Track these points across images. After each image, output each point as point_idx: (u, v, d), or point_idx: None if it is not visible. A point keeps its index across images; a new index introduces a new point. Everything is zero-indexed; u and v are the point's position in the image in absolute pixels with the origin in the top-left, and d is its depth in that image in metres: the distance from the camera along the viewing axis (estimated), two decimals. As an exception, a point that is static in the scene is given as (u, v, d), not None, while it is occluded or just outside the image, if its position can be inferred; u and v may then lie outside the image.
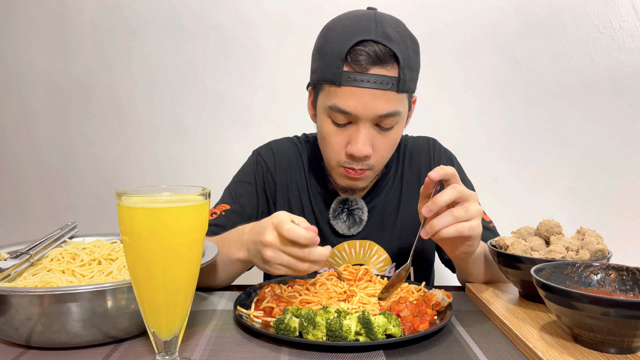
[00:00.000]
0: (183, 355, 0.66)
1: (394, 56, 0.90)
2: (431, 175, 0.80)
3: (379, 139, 0.96)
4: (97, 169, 1.95)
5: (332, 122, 0.96)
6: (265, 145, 1.19)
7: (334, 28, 0.94)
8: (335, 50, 0.91)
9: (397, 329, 0.69)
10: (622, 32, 1.79)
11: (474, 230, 0.80)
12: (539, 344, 0.66)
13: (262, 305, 0.79)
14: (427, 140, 1.17)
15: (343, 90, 0.91)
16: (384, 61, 0.90)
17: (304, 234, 0.73)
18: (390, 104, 0.92)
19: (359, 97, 0.91)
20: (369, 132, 0.94)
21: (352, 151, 0.94)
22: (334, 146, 0.98)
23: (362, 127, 0.93)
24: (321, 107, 0.98)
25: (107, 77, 1.90)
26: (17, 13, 1.90)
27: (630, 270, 0.74)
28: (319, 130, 1.01)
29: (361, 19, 0.91)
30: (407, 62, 0.92)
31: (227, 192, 1.14)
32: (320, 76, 0.95)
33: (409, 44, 0.93)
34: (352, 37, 0.90)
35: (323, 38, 0.95)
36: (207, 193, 0.61)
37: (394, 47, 0.89)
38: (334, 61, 0.91)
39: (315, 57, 0.98)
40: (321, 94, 0.97)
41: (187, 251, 0.59)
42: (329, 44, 0.93)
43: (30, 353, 0.67)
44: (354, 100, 0.91)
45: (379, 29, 0.90)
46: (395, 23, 0.93)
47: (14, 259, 0.75)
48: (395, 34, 0.91)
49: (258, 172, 1.14)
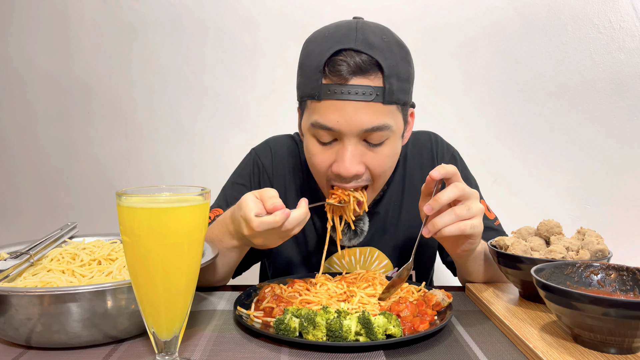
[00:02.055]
0: (183, 355, 0.66)
1: (377, 64, 0.83)
2: (432, 175, 0.80)
3: (370, 155, 0.89)
4: (97, 169, 1.95)
5: (317, 140, 0.90)
6: (263, 144, 1.15)
7: (314, 40, 0.89)
8: (314, 63, 0.85)
9: (397, 329, 0.69)
10: (622, 32, 1.79)
11: (476, 229, 0.80)
12: (539, 344, 0.66)
13: (262, 306, 0.79)
14: (428, 136, 1.13)
15: (324, 105, 0.85)
16: (366, 70, 0.83)
17: (275, 220, 0.75)
18: (376, 116, 0.84)
19: (341, 111, 0.84)
20: (356, 148, 0.87)
21: (338, 170, 0.88)
22: (319, 166, 0.91)
23: (348, 143, 0.86)
24: (305, 126, 0.92)
25: (107, 77, 1.90)
26: (18, 13, 1.90)
27: (631, 271, 0.74)
28: (305, 150, 0.95)
29: (341, 28, 0.86)
30: (394, 70, 0.85)
31: (222, 194, 1.12)
32: (302, 92, 0.90)
33: (397, 51, 0.86)
34: (330, 47, 0.84)
35: (304, 52, 0.90)
36: (206, 193, 0.61)
37: (377, 54, 0.83)
38: (313, 74, 0.85)
39: (298, 73, 0.92)
40: (305, 112, 0.92)
41: (187, 251, 0.59)
42: (309, 57, 0.87)
43: (30, 353, 0.67)
44: (335, 115, 0.84)
45: (360, 37, 0.84)
46: (380, 30, 0.87)
47: (14, 259, 0.75)
48: (379, 41, 0.84)
49: (254, 174, 1.11)
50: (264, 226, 0.76)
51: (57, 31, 1.89)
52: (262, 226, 0.76)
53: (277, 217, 0.76)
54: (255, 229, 0.77)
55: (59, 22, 1.88)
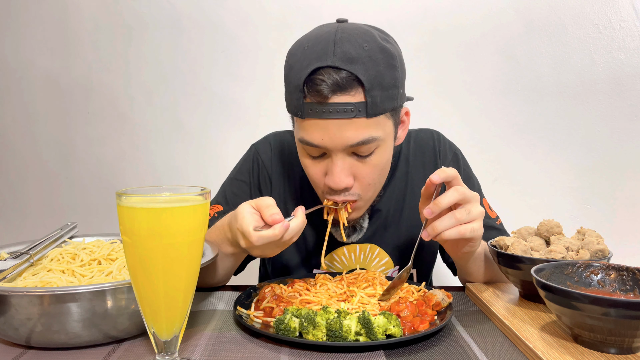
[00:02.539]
0: (183, 355, 0.66)
1: (356, 79, 0.81)
2: (432, 179, 0.80)
3: (360, 167, 0.88)
4: (97, 169, 1.95)
5: (307, 153, 0.91)
6: (263, 140, 1.15)
7: (294, 53, 0.88)
8: (294, 81, 0.85)
9: (397, 329, 0.69)
10: (622, 32, 1.79)
11: (476, 232, 0.80)
12: (539, 344, 0.66)
13: (262, 305, 0.79)
14: (431, 134, 1.12)
15: (308, 123, 0.85)
16: (345, 87, 0.81)
17: (274, 234, 0.75)
18: (361, 131, 0.84)
19: (325, 129, 0.84)
20: (344, 162, 0.87)
21: (329, 183, 0.88)
22: (313, 177, 0.93)
23: (336, 158, 0.86)
24: (296, 138, 0.93)
25: (107, 77, 1.90)
26: (17, 13, 1.90)
27: (631, 270, 0.74)
28: (300, 159, 0.96)
29: (320, 41, 0.84)
30: (376, 81, 0.82)
31: (222, 191, 1.12)
32: (287, 106, 0.91)
33: (380, 58, 0.83)
34: (309, 64, 0.82)
35: (286, 65, 0.89)
36: (206, 193, 0.61)
37: (356, 68, 0.81)
38: (295, 92, 0.85)
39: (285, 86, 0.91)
40: (294, 124, 0.93)
41: (187, 251, 0.59)
42: (290, 72, 0.86)
43: (30, 353, 0.67)
44: (319, 133, 0.84)
45: (338, 51, 0.81)
46: (361, 37, 0.83)
47: (14, 259, 0.75)
48: (359, 52, 0.81)
49: (254, 170, 1.11)
50: (262, 240, 0.76)
51: (56, 31, 1.89)
52: (261, 240, 0.76)
53: (277, 230, 0.75)
54: (255, 243, 0.76)
55: (58, 22, 1.88)
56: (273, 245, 0.79)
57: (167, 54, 1.88)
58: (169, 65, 1.88)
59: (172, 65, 1.88)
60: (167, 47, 1.87)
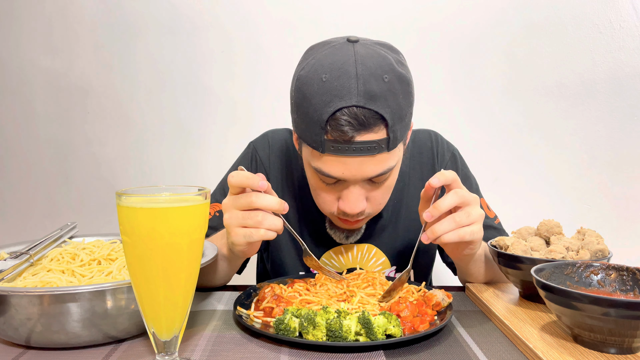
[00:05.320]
0: (183, 356, 0.66)
1: (380, 118, 0.80)
2: (432, 182, 0.79)
3: (373, 191, 0.90)
4: (97, 169, 1.95)
5: (320, 179, 0.90)
6: (261, 137, 1.14)
7: (309, 83, 0.83)
8: (314, 116, 0.82)
9: (397, 329, 0.69)
10: (622, 32, 1.79)
11: (475, 235, 0.80)
12: (539, 344, 0.66)
13: (262, 306, 0.79)
14: (429, 135, 1.12)
15: (327, 158, 0.84)
16: (370, 126, 0.80)
17: (246, 176, 0.78)
18: (381, 164, 0.85)
19: (346, 165, 0.83)
20: (360, 190, 0.87)
21: (344, 209, 0.88)
22: (324, 199, 0.92)
23: (353, 188, 0.87)
24: (306, 162, 0.91)
25: (107, 77, 1.90)
26: (17, 13, 1.90)
27: (631, 271, 0.74)
28: (308, 179, 0.95)
29: (339, 75, 0.80)
30: (397, 116, 0.82)
31: (220, 188, 1.12)
32: (301, 134, 0.87)
33: (398, 89, 0.82)
34: (330, 101, 0.80)
35: (299, 92, 0.85)
36: (206, 193, 0.61)
37: (380, 107, 0.80)
38: (314, 127, 0.82)
39: (293, 108, 0.89)
40: (304, 148, 0.90)
41: (187, 251, 0.59)
42: (306, 104, 0.83)
43: (30, 353, 0.67)
44: (340, 168, 0.84)
45: (361, 89, 0.79)
46: (380, 68, 0.81)
47: (13, 259, 0.75)
48: (380, 87, 0.80)
49: (252, 167, 1.11)
50: (237, 178, 0.78)
51: (57, 31, 1.89)
52: (236, 178, 0.78)
53: (253, 175, 0.78)
54: (230, 180, 0.79)
55: (59, 22, 1.88)
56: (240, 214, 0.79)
57: (167, 54, 1.88)
58: (169, 65, 1.88)
59: (172, 65, 1.88)
60: (167, 47, 1.87)
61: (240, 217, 0.80)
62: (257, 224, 0.79)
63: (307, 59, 0.87)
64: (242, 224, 0.80)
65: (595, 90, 1.82)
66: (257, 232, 0.79)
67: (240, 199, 0.79)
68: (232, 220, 0.81)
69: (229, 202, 0.81)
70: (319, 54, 0.86)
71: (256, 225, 0.79)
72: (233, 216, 0.80)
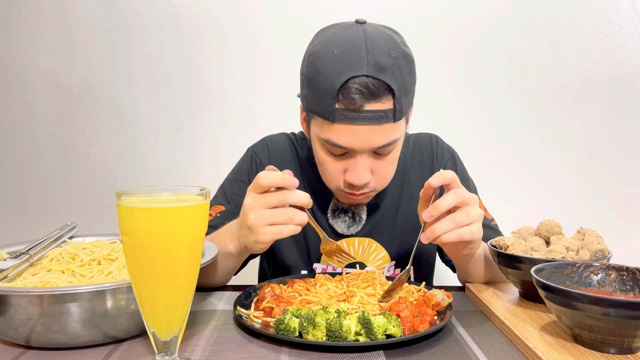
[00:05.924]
0: (183, 355, 0.66)
1: (388, 88, 0.86)
2: (431, 182, 0.80)
3: (378, 164, 0.93)
4: (97, 169, 1.95)
5: (328, 151, 0.94)
6: (260, 141, 1.17)
7: (322, 57, 0.88)
8: (326, 86, 0.86)
9: (397, 329, 0.69)
10: (622, 32, 1.79)
11: (475, 235, 0.80)
12: (539, 344, 0.66)
13: (262, 305, 0.79)
14: (429, 137, 1.16)
15: (337, 127, 0.88)
16: (378, 95, 0.85)
17: (280, 175, 0.79)
18: (387, 134, 0.89)
19: (355, 133, 0.87)
20: (367, 161, 0.91)
21: (350, 180, 0.92)
22: (331, 173, 0.95)
23: (360, 158, 0.91)
24: (315, 136, 0.95)
25: (107, 77, 1.90)
26: (17, 13, 1.90)
27: (631, 270, 0.74)
28: (315, 155, 0.98)
29: (351, 49, 0.86)
30: (403, 88, 0.88)
31: (222, 191, 1.13)
32: (311, 108, 0.92)
33: (404, 65, 0.88)
34: (342, 72, 0.85)
35: (311, 67, 0.90)
36: (206, 193, 0.61)
37: (388, 79, 0.85)
38: (326, 98, 0.87)
39: (304, 83, 0.93)
40: (314, 122, 0.94)
41: (187, 251, 0.59)
42: (319, 77, 0.88)
43: (30, 353, 0.67)
44: (349, 137, 0.88)
45: (371, 60, 0.84)
46: (387, 45, 0.87)
47: (13, 259, 0.75)
48: (388, 61, 0.85)
49: (252, 170, 1.12)
50: (269, 178, 0.79)
51: (57, 31, 1.89)
52: (268, 179, 0.79)
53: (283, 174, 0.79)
54: (262, 182, 0.79)
55: (59, 22, 1.88)
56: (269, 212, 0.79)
57: (167, 54, 1.88)
58: (169, 65, 1.88)
59: (172, 65, 1.88)
60: (167, 47, 1.87)
61: (269, 215, 0.80)
62: (289, 220, 0.80)
63: (318, 37, 0.93)
64: (271, 221, 0.80)
65: (595, 90, 1.82)
66: (287, 228, 0.80)
67: (270, 198, 0.80)
68: (259, 220, 0.80)
69: (254, 201, 0.80)
70: (329, 32, 0.91)
71: (288, 221, 0.80)
72: (260, 215, 0.80)
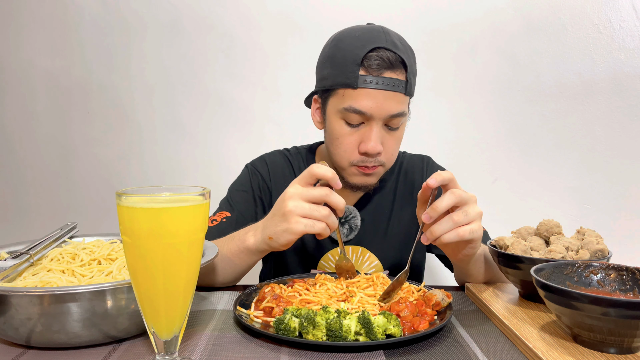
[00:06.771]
0: (183, 355, 0.66)
1: (402, 62, 0.98)
2: (429, 183, 0.80)
3: (388, 138, 1.02)
4: (97, 169, 1.95)
5: (346, 123, 1.02)
6: (258, 159, 1.22)
7: (344, 39, 1.01)
8: (350, 57, 0.98)
9: (397, 329, 0.69)
10: (622, 32, 1.79)
11: (475, 234, 0.80)
12: (539, 344, 0.66)
13: (262, 305, 0.79)
14: (421, 158, 1.23)
15: (359, 92, 0.97)
16: (395, 66, 0.97)
17: (331, 170, 0.84)
18: (400, 104, 0.99)
19: (374, 98, 0.97)
20: (380, 131, 1.00)
21: (366, 149, 1.00)
22: (347, 146, 1.02)
23: (375, 126, 0.99)
24: (333, 111, 1.03)
25: (107, 77, 1.90)
26: (17, 13, 1.90)
27: (630, 270, 0.74)
28: (331, 133, 1.05)
29: (371, 31, 1.00)
30: (412, 68, 1.00)
31: (225, 201, 1.15)
32: (333, 82, 1.01)
33: (410, 54, 1.02)
34: (365, 44, 0.97)
35: (335, 47, 1.02)
36: (206, 193, 0.61)
37: (402, 54, 0.98)
38: (350, 66, 0.97)
39: (324, 65, 1.03)
40: (332, 99, 1.03)
41: (187, 251, 0.59)
42: (342, 52, 0.99)
43: (30, 353, 0.67)
44: (369, 101, 0.97)
45: (388, 39, 0.98)
46: (398, 36, 1.02)
47: (13, 259, 0.75)
48: (400, 45, 0.99)
49: (254, 181, 1.16)
50: (322, 169, 0.84)
51: (57, 31, 1.89)
52: (321, 169, 0.84)
53: (329, 173, 0.84)
54: (315, 169, 0.84)
55: (59, 22, 1.88)
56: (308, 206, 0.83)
57: (167, 54, 1.88)
58: (169, 65, 1.89)
59: (172, 65, 1.88)
60: (167, 47, 1.88)
61: (307, 208, 0.83)
62: (323, 218, 0.83)
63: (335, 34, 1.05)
64: (307, 214, 0.83)
65: (595, 90, 1.82)
66: (319, 224, 0.83)
67: (312, 191, 0.84)
68: (297, 209, 0.83)
69: (296, 191, 0.84)
70: (348, 28, 1.04)
71: (322, 218, 0.83)
72: (299, 206, 0.83)
